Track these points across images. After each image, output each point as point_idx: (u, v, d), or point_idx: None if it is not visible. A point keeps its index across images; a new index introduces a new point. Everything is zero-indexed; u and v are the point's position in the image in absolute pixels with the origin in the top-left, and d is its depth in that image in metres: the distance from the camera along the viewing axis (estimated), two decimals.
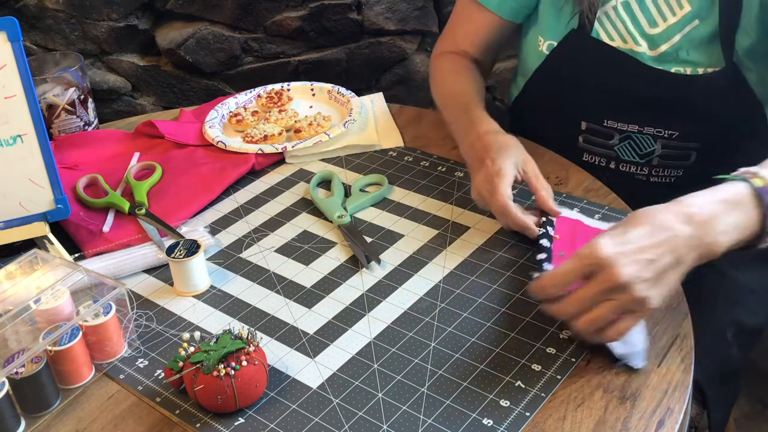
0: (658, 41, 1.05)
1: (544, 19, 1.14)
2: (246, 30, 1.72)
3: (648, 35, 1.06)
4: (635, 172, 1.14)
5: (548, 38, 1.13)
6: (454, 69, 1.22)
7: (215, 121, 1.24)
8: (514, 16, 1.19)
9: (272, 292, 0.91)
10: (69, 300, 0.82)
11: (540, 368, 0.77)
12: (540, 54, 1.15)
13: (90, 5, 1.64)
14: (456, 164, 1.12)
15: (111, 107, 1.76)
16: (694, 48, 1.04)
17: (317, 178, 1.11)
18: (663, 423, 0.71)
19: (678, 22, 1.04)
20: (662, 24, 1.04)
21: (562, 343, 0.80)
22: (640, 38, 1.07)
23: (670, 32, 1.05)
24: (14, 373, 0.74)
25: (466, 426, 0.72)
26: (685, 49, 1.05)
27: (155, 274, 0.96)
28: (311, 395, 0.77)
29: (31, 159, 0.98)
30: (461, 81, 1.19)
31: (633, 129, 1.10)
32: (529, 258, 0.92)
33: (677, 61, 1.05)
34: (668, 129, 1.07)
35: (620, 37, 1.08)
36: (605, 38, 1.09)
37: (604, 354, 0.78)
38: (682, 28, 1.04)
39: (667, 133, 1.06)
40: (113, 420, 0.77)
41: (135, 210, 1.05)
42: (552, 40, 1.13)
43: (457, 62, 1.23)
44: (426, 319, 0.85)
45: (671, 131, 1.05)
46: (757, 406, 1.65)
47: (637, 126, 1.10)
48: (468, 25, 1.23)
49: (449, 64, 1.23)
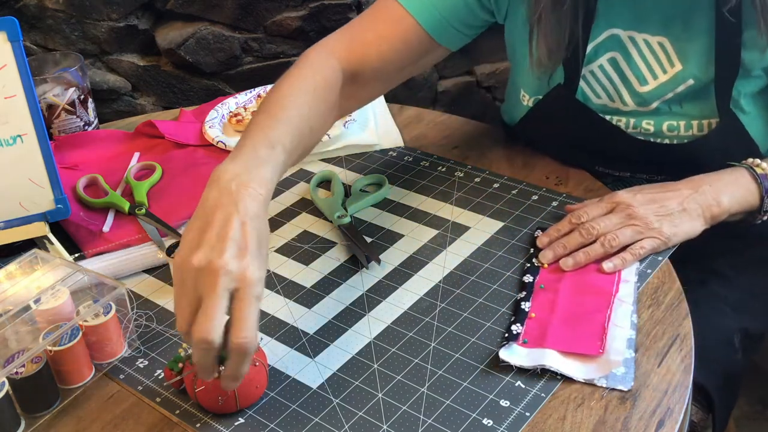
0: (649, 99, 1.01)
1: (526, 76, 1.07)
2: (246, 30, 1.72)
3: (637, 93, 1.01)
4: None
5: (532, 94, 1.08)
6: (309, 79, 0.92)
7: (215, 121, 1.24)
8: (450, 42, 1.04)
9: (272, 292, 0.91)
10: (69, 300, 0.82)
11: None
12: (525, 106, 1.10)
13: (90, 5, 1.64)
14: (456, 164, 1.12)
15: (111, 107, 1.76)
16: (688, 102, 1.00)
17: (317, 178, 1.11)
18: (663, 423, 0.71)
19: (669, 81, 0.99)
20: (652, 82, 1.00)
21: None
22: (628, 96, 1.01)
23: (662, 90, 1.00)
24: (14, 373, 0.74)
25: (466, 426, 0.72)
26: (677, 103, 1.01)
27: (155, 274, 0.96)
28: (311, 395, 0.77)
29: (31, 159, 0.98)
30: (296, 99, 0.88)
31: (625, 175, 1.10)
32: (529, 258, 0.92)
33: (669, 114, 1.01)
34: (661, 174, 1.04)
35: (608, 96, 1.03)
36: (591, 96, 1.04)
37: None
38: (675, 87, 0.99)
39: (659, 177, 1.03)
40: (113, 420, 0.77)
41: (135, 210, 1.05)
42: (537, 96, 1.08)
43: (326, 73, 0.94)
44: (426, 319, 0.85)
45: (664, 175, 1.02)
46: (757, 406, 1.65)
47: (629, 173, 1.09)
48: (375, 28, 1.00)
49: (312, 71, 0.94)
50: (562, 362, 0.77)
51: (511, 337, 0.80)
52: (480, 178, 1.09)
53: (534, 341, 0.79)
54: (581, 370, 0.76)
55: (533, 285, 0.87)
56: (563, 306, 0.83)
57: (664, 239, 0.89)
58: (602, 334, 0.79)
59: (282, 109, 0.86)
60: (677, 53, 0.98)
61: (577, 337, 0.79)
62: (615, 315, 0.82)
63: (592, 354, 0.77)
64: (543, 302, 0.85)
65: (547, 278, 0.88)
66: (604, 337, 0.79)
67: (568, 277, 0.88)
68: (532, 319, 0.82)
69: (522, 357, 0.78)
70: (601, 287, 0.86)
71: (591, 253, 0.89)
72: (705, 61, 0.97)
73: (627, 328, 0.80)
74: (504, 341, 0.80)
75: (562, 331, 0.80)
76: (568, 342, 0.79)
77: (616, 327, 0.80)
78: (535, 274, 0.89)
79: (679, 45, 0.97)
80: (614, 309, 0.82)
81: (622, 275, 0.87)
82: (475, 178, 1.09)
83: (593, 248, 0.89)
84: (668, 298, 0.85)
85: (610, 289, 0.85)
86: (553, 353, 0.77)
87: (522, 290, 0.87)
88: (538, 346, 0.79)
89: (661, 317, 0.83)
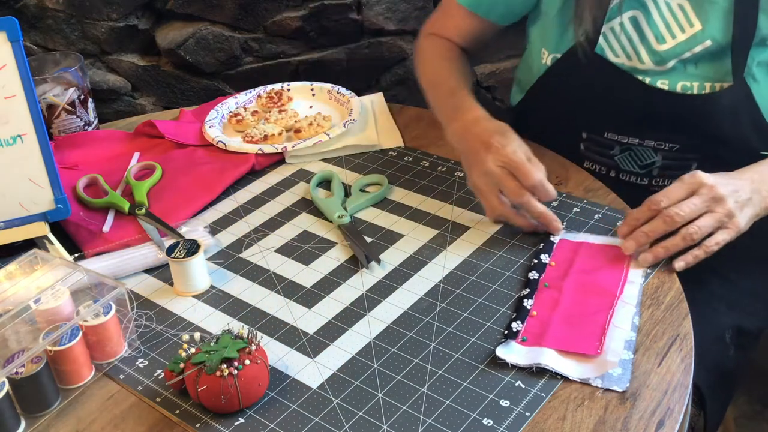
0: (666, 58, 1.03)
1: (549, 32, 1.12)
2: (246, 30, 1.72)
3: (655, 51, 1.04)
4: (635, 182, 1.13)
5: (552, 51, 1.12)
6: (441, 54, 1.21)
7: (215, 121, 1.24)
8: (500, 19, 1.19)
9: (272, 292, 0.91)
10: (69, 300, 0.82)
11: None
12: (543, 65, 1.14)
13: (90, 5, 1.64)
14: (456, 164, 1.12)
15: (111, 107, 1.76)
16: (704, 62, 1.02)
17: (317, 178, 1.11)
18: (663, 423, 0.71)
19: (687, 40, 1.01)
20: (671, 41, 1.02)
21: None
22: (646, 55, 1.04)
23: (679, 49, 1.02)
24: (14, 373, 0.74)
25: (466, 426, 0.72)
26: (693, 63, 1.03)
27: (155, 274, 0.96)
28: (311, 395, 0.77)
29: (31, 159, 0.98)
30: (448, 66, 1.18)
31: (633, 142, 1.10)
32: (528, 258, 0.92)
33: (684, 74, 1.04)
34: (669, 142, 1.06)
35: (625, 54, 1.06)
36: (610, 54, 1.07)
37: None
38: (692, 47, 1.01)
39: (667, 146, 1.05)
40: (113, 420, 0.77)
41: (135, 210, 1.05)
42: (556, 53, 1.11)
43: (444, 46, 1.22)
44: (426, 319, 0.85)
45: (672, 144, 1.04)
46: (757, 406, 1.65)
47: (637, 139, 1.09)
48: (450, 20, 1.22)
49: (436, 48, 1.22)
50: (558, 361, 0.77)
51: (511, 335, 0.80)
52: None
53: (533, 339, 0.80)
54: (577, 370, 0.76)
55: (537, 282, 0.87)
56: (566, 305, 0.84)
57: (736, 230, 0.88)
58: (601, 334, 0.79)
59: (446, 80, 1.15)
60: (697, 13, 1.00)
61: (576, 337, 0.79)
62: (616, 316, 0.82)
63: (590, 354, 0.77)
64: (546, 300, 0.85)
65: (553, 276, 0.88)
66: (603, 338, 0.79)
67: (574, 276, 0.88)
68: (533, 318, 0.82)
69: (519, 355, 0.78)
70: (606, 288, 0.86)
71: (671, 249, 0.88)
72: (724, 24, 0.99)
73: (627, 329, 0.80)
74: (503, 338, 0.80)
75: (562, 331, 0.80)
76: (566, 341, 0.79)
77: (616, 328, 0.80)
78: (541, 272, 0.89)
79: (699, 5, 1.00)
80: (616, 310, 0.82)
81: (629, 276, 0.87)
82: None
83: (674, 242, 0.88)
84: (668, 298, 0.85)
85: (614, 290, 0.85)
86: (551, 352, 0.78)
87: (526, 287, 0.87)
88: (536, 345, 0.79)
89: (661, 317, 0.83)
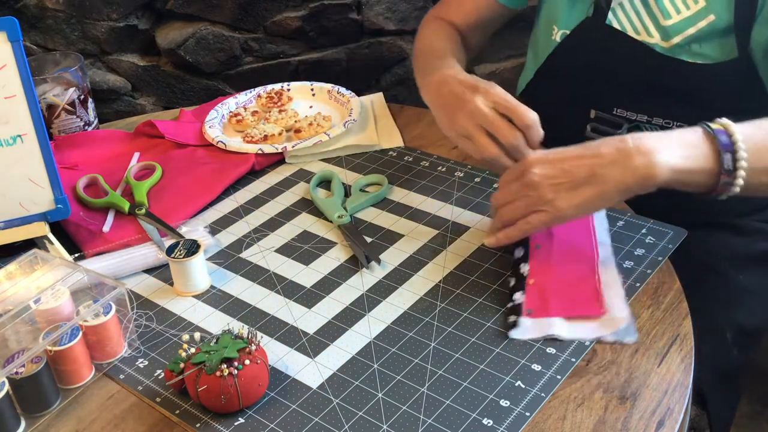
0: (671, 33, 1.05)
1: (559, 8, 1.14)
2: (246, 30, 1.72)
3: (661, 27, 1.05)
4: None
5: (562, 27, 1.14)
6: (440, 35, 1.22)
7: (215, 121, 1.24)
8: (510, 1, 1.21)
9: (272, 292, 0.91)
10: (69, 300, 0.82)
11: (540, 368, 0.77)
12: (553, 42, 1.15)
13: (90, 5, 1.64)
14: (456, 164, 1.12)
15: (111, 107, 1.76)
16: (708, 41, 1.04)
17: (317, 178, 1.11)
18: (663, 423, 0.71)
19: (692, 16, 1.03)
20: (676, 16, 1.04)
21: (562, 344, 0.80)
22: (654, 29, 1.06)
23: (684, 25, 1.04)
24: (14, 373, 0.74)
25: (466, 426, 0.72)
26: (698, 42, 1.04)
27: (155, 274, 0.96)
28: (311, 395, 0.77)
29: (31, 159, 0.98)
30: (443, 45, 1.19)
31: (642, 119, 1.10)
32: None
33: (689, 53, 1.05)
34: (676, 120, 1.06)
35: (633, 29, 1.08)
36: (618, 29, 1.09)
37: (604, 353, 0.78)
38: (696, 22, 1.03)
39: (675, 124, 1.05)
40: (113, 420, 0.77)
41: (135, 210, 1.05)
42: (566, 29, 1.13)
43: (445, 29, 1.24)
44: (426, 319, 0.85)
45: (679, 122, 1.04)
46: (757, 406, 1.65)
47: (646, 116, 1.10)
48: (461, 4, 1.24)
49: (438, 30, 1.24)
50: (569, 328, 0.81)
51: (516, 310, 0.83)
52: (480, 178, 1.09)
53: (538, 310, 0.83)
54: (589, 330, 0.80)
55: (529, 243, 0.91)
56: (556, 272, 0.88)
57: (555, 213, 0.84)
58: (598, 296, 0.84)
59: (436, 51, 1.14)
60: None
61: (577, 301, 0.84)
62: (604, 278, 0.86)
63: (596, 314, 0.82)
64: (540, 264, 0.89)
65: (541, 236, 0.92)
66: (601, 299, 0.83)
67: (556, 235, 0.92)
68: (531, 286, 0.86)
69: (531, 330, 0.81)
70: (584, 252, 0.90)
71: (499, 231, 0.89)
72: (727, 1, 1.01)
73: (618, 287, 0.85)
74: (509, 313, 0.83)
75: (563, 297, 0.84)
76: (569, 307, 0.83)
77: (609, 287, 0.85)
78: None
79: None
80: (600, 273, 0.87)
81: (597, 238, 0.92)
82: (475, 178, 1.09)
83: (493, 225, 0.90)
84: (668, 298, 0.85)
85: (591, 255, 0.89)
86: (559, 321, 0.81)
87: (520, 246, 0.90)
88: (543, 316, 0.82)
89: (661, 317, 0.83)
